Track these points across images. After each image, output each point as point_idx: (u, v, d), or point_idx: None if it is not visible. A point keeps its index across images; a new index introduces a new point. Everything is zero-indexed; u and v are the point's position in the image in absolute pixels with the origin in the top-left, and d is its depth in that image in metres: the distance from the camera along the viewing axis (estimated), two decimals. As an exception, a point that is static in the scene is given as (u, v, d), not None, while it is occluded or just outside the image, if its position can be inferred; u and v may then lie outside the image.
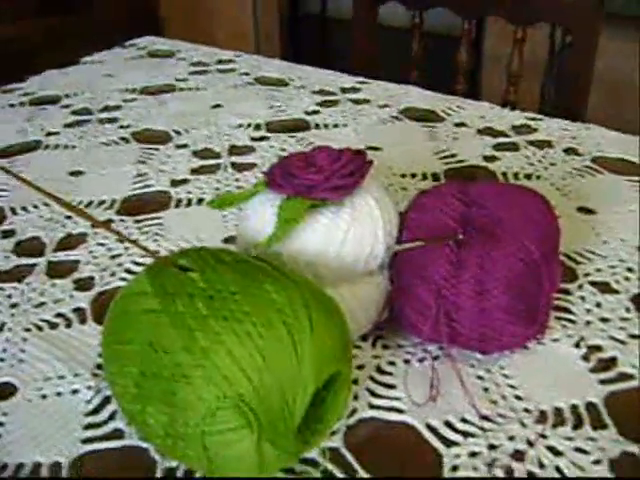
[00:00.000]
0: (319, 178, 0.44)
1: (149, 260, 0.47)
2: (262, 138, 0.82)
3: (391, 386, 0.46)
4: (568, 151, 0.76)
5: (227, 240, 0.61)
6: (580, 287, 0.55)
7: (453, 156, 0.76)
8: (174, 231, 0.64)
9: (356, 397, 0.45)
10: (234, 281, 0.37)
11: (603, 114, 0.97)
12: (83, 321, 0.53)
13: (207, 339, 0.35)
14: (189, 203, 0.69)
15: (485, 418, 0.43)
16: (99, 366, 0.48)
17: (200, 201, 0.69)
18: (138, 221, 0.66)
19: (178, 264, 0.39)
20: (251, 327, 0.35)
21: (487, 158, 0.75)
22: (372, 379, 0.47)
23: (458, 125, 0.84)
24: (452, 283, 0.44)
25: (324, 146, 0.49)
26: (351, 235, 0.45)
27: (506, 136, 0.80)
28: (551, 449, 0.41)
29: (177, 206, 0.68)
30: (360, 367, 0.48)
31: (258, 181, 0.48)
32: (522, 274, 0.44)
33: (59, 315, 0.54)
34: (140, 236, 0.63)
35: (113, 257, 0.61)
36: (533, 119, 0.84)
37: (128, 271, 0.59)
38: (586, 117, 1.01)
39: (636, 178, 0.71)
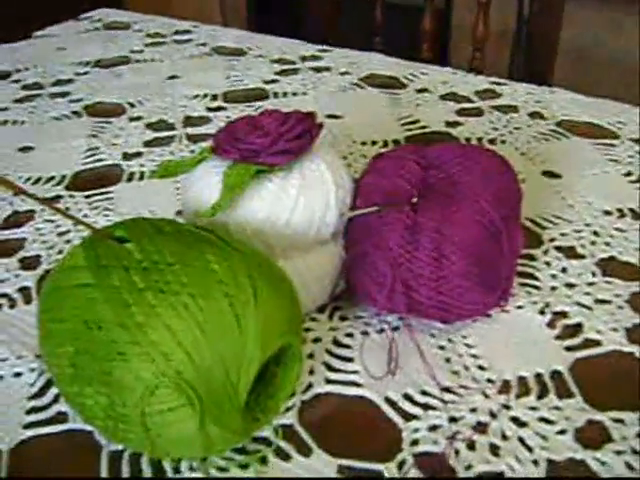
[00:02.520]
0: (265, 142, 0.41)
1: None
2: (219, 108, 0.79)
3: (348, 359, 0.44)
4: (533, 115, 0.74)
5: (180, 213, 0.59)
6: (545, 252, 0.53)
7: (415, 122, 0.73)
8: (125, 205, 0.61)
9: (312, 372, 0.43)
10: (172, 252, 0.35)
11: (570, 83, 0.95)
12: (28, 301, 0.51)
13: (143, 314, 0.33)
14: (141, 177, 0.66)
15: (446, 390, 0.42)
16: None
17: (153, 174, 0.66)
18: (88, 196, 0.63)
19: (114, 236, 0.37)
20: (189, 299, 0.33)
21: (450, 124, 0.73)
22: (329, 352, 0.45)
23: (420, 91, 0.81)
24: (408, 250, 0.42)
25: (272, 109, 0.47)
26: (301, 202, 0.42)
27: (470, 101, 0.78)
28: (515, 420, 0.40)
29: (129, 180, 0.66)
30: (316, 340, 0.46)
31: (204, 148, 0.46)
32: (481, 238, 0.42)
33: (3, 295, 0.51)
34: (90, 211, 0.60)
35: (61, 234, 0.58)
36: (497, 84, 0.82)
37: (75, 248, 0.56)
38: (553, 83, 0.99)
39: (602, 141, 0.69)
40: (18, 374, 0.44)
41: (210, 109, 0.79)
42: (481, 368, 0.43)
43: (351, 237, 0.45)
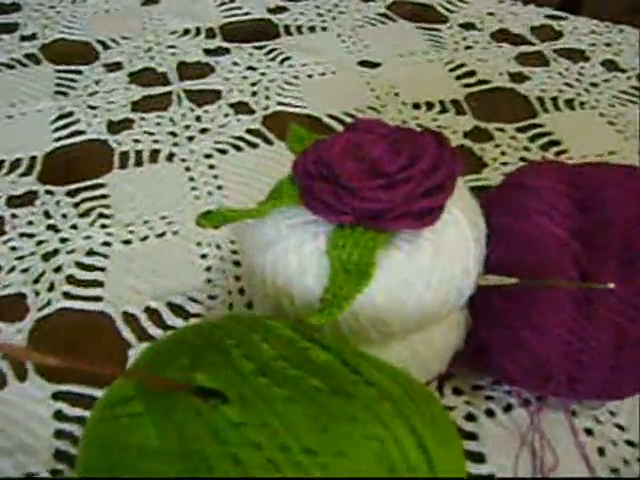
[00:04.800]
0: (394, 197, 0.28)
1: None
2: (219, 50, 0.63)
3: (479, 457, 0.33)
4: (606, 64, 0.61)
5: (232, 243, 0.44)
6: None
7: (471, 74, 0.59)
8: (126, 207, 0.46)
9: None
10: (308, 427, 0.22)
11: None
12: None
13: None
14: (139, 159, 0.51)
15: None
16: None
17: (154, 154, 0.51)
18: (71, 193, 0.48)
19: (196, 384, 0.23)
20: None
21: (513, 76, 0.59)
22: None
23: (465, 27, 0.66)
24: (581, 336, 0.30)
25: (371, 122, 0.33)
26: (436, 273, 0.29)
27: (528, 43, 0.64)
28: None
29: (123, 165, 0.50)
30: (428, 428, 0.34)
31: (282, 184, 0.31)
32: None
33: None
34: (79, 219, 0.45)
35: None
36: (554, 17, 0.68)
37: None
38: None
39: None
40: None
41: (208, 52, 0.62)
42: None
43: (491, 303, 0.33)
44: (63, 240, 0.44)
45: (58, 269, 0.42)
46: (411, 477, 0.22)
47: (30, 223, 0.45)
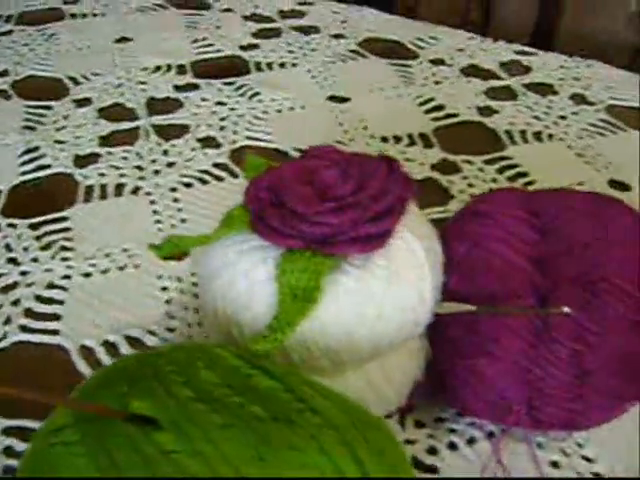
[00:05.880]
0: (344, 221, 0.27)
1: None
2: (189, 86, 0.63)
3: (439, 495, 0.32)
4: (575, 98, 0.62)
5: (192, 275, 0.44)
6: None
7: (440, 108, 0.59)
8: (88, 240, 0.46)
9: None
10: (248, 457, 0.21)
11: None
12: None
13: None
14: (103, 192, 0.50)
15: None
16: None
17: (119, 188, 0.51)
18: (34, 226, 0.47)
19: (131, 411, 0.23)
20: None
21: (482, 110, 0.59)
22: (409, 483, 0.33)
23: (435, 62, 0.67)
24: (539, 364, 0.30)
25: (324, 149, 0.32)
26: (389, 301, 0.29)
27: (497, 77, 0.64)
28: None
29: (87, 199, 0.50)
30: (389, 463, 0.33)
31: (234, 211, 0.31)
32: (636, 343, 0.30)
33: None
34: (40, 252, 0.45)
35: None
36: (524, 53, 0.69)
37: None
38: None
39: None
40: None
41: (178, 88, 0.63)
42: (612, 500, 0.32)
43: (447, 332, 0.32)
44: (23, 273, 0.43)
45: (16, 302, 0.41)
46: (352, 507, 0.21)
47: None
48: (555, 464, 0.34)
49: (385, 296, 0.29)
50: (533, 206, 0.34)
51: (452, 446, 0.34)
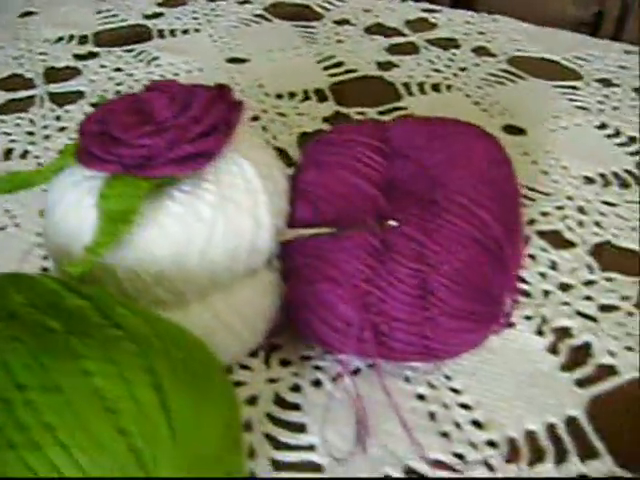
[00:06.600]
0: (160, 143, 0.27)
1: None
2: (89, 55, 0.62)
3: (300, 427, 0.32)
4: (478, 51, 0.62)
5: None
6: (527, 241, 0.42)
7: (339, 65, 0.59)
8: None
9: (252, 453, 0.31)
10: (26, 364, 0.21)
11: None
12: None
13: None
14: (-8, 158, 0.49)
15: (438, 464, 0.30)
16: None
17: (8, 153, 0.50)
18: None
19: None
20: (59, 454, 0.19)
21: (382, 65, 0.59)
22: (271, 418, 0.32)
23: (340, 23, 0.66)
24: (380, 285, 0.29)
25: (165, 82, 0.32)
26: (220, 225, 0.28)
27: (401, 34, 0.64)
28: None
29: (-25, 164, 0.49)
30: (252, 400, 0.33)
31: (67, 146, 0.30)
32: (480, 262, 0.30)
33: None
34: None
35: None
36: (430, 11, 0.69)
37: None
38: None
39: (563, 83, 0.57)
40: None
41: (78, 56, 0.62)
42: (476, 424, 0.32)
43: (293, 261, 0.32)
44: None
45: None
46: (138, 411, 0.21)
47: None
48: (421, 397, 0.33)
49: (215, 221, 0.28)
50: (385, 134, 0.34)
51: (316, 383, 0.34)
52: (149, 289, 0.28)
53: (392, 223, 0.28)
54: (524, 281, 0.39)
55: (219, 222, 0.28)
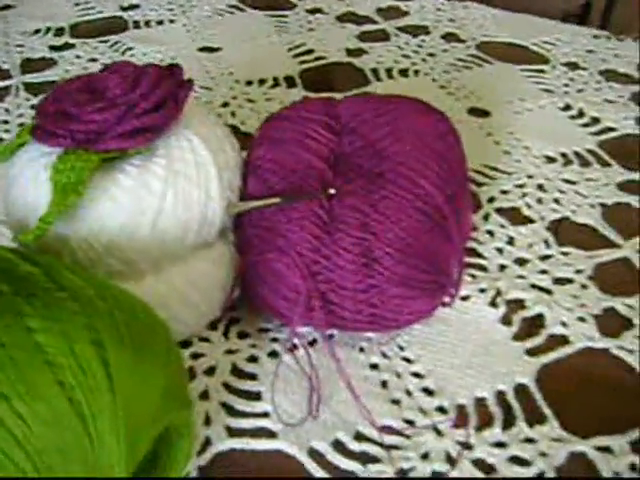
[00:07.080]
0: (109, 117, 0.28)
1: None
2: (65, 46, 0.63)
3: (255, 396, 0.33)
4: (447, 37, 0.63)
5: None
6: (486, 218, 0.43)
7: (309, 52, 0.60)
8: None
9: (208, 420, 0.32)
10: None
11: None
12: None
13: None
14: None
15: (387, 430, 0.31)
16: None
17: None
18: None
19: None
20: (2, 405, 0.21)
21: (352, 52, 0.60)
22: (228, 387, 0.33)
23: (312, 12, 0.68)
24: (326, 254, 0.31)
25: (120, 63, 0.33)
26: (170, 197, 0.29)
27: (372, 22, 0.65)
28: (479, 464, 0.30)
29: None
30: (210, 371, 0.34)
31: (25, 126, 0.32)
32: (422, 230, 0.31)
33: None
34: None
35: None
36: (402, -1, 0.70)
37: None
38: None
39: (529, 67, 0.58)
40: None
41: (54, 48, 0.63)
42: (427, 392, 0.33)
43: (245, 233, 0.33)
44: None
45: None
46: (77, 365, 0.22)
47: None
48: (375, 366, 0.34)
49: (165, 193, 0.29)
50: (335, 111, 0.35)
51: (273, 354, 0.35)
52: (102, 259, 0.29)
53: (332, 191, 0.29)
54: (480, 256, 0.40)
55: (169, 194, 0.29)
